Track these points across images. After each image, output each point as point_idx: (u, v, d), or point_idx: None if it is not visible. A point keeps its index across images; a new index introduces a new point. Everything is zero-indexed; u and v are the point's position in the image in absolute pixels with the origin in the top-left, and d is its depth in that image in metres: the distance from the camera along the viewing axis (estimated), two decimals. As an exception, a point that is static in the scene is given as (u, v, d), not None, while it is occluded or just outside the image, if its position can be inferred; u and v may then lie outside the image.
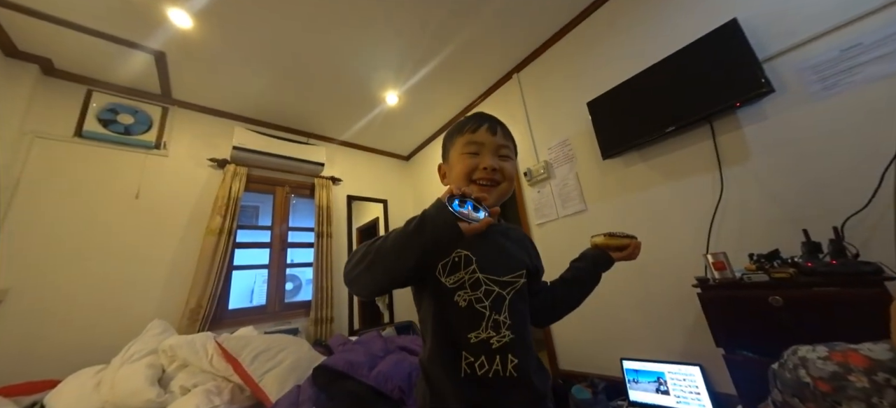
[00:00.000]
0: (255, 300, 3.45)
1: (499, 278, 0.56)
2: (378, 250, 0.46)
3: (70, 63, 1.82)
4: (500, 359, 0.51)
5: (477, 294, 0.54)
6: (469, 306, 0.53)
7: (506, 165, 0.62)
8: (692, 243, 1.39)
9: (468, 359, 0.51)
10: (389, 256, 0.45)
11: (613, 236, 0.71)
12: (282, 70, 2.05)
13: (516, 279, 0.58)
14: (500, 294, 0.55)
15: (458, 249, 0.56)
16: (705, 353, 1.29)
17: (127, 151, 1.96)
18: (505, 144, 0.63)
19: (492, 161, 0.60)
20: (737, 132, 1.31)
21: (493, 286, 0.55)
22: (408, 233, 0.44)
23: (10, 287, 1.49)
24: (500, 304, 0.54)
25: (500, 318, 0.53)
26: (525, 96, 2.29)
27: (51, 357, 1.48)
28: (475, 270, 0.55)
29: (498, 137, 0.63)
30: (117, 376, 0.98)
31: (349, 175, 2.96)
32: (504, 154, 0.63)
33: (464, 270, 0.55)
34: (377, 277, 0.47)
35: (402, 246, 0.44)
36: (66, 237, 1.67)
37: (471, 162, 0.60)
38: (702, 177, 1.40)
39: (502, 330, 0.53)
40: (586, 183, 1.89)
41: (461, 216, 0.42)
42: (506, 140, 0.64)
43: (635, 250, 0.70)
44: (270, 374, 0.98)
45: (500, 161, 0.61)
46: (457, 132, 0.66)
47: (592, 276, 0.71)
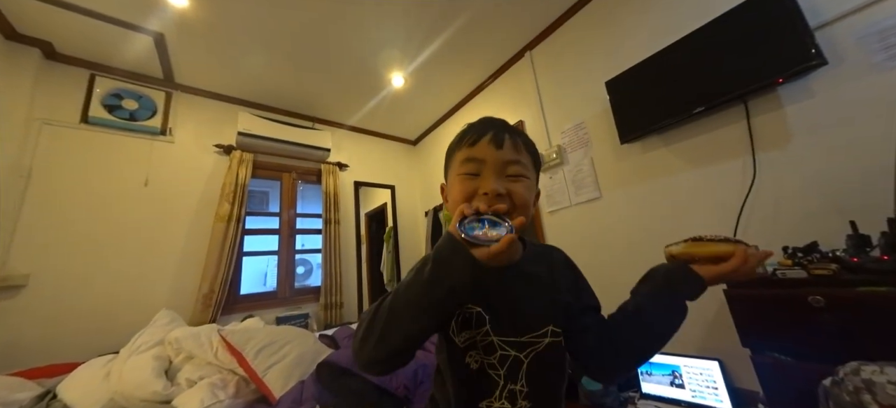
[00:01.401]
0: (268, 284, 3.54)
1: (516, 340, 0.45)
2: (389, 314, 0.38)
3: (71, 46, 1.79)
4: None
5: (490, 360, 0.45)
6: (481, 370, 0.45)
7: (516, 188, 0.45)
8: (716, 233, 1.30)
9: None
10: (404, 320, 0.37)
11: (701, 242, 0.43)
12: (283, 50, 1.98)
13: (538, 340, 0.46)
14: (517, 358, 0.45)
15: (470, 304, 0.47)
16: (725, 348, 1.23)
17: (133, 137, 1.95)
18: (515, 159, 0.47)
19: (494, 184, 0.44)
20: (776, 113, 1.18)
21: (508, 350, 0.45)
22: (421, 286, 0.36)
23: (31, 273, 1.54)
24: (515, 371, 0.45)
25: (516, 388, 0.44)
26: (538, 76, 2.15)
27: (70, 340, 1.54)
28: (488, 331, 0.45)
29: (505, 150, 0.46)
30: (125, 368, 1.00)
31: (356, 161, 2.92)
32: (514, 173, 0.46)
33: (475, 328, 0.46)
34: (394, 345, 0.37)
35: (417, 304, 0.36)
36: (79, 225, 1.70)
37: (468, 186, 0.46)
38: (731, 163, 1.29)
39: (519, 402, 0.44)
40: (602, 169, 1.78)
41: (474, 242, 0.34)
42: (516, 153, 0.47)
43: (747, 262, 0.41)
44: (275, 368, 0.97)
45: (507, 183, 0.45)
46: (455, 145, 0.51)
47: (664, 301, 0.46)
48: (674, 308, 0.45)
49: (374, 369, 0.40)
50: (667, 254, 0.48)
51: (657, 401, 1.33)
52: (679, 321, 0.45)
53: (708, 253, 0.43)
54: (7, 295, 1.48)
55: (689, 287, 0.44)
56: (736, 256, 0.41)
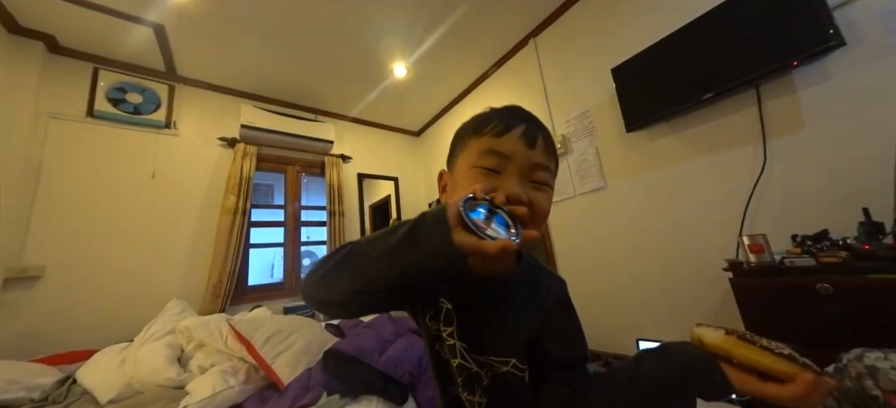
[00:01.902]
0: (274, 276, 3.60)
1: (477, 356, 0.41)
2: (345, 259, 0.34)
3: (74, 40, 1.79)
4: None
5: (453, 361, 0.41)
6: (447, 363, 0.42)
7: (540, 199, 0.39)
8: (723, 223, 1.28)
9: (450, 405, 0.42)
10: (360, 268, 0.33)
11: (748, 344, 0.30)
12: (284, 39, 1.96)
13: (499, 365, 0.41)
14: (476, 374, 0.41)
15: (443, 298, 0.42)
16: (730, 338, 1.23)
17: (139, 130, 1.97)
18: (545, 164, 0.40)
19: (518, 188, 0.37)
20: (789, 97, 1.14)
21: (467, 362, 0.41)
22: (391, 245, 0.31)
23: (47, 264, 1.58)
24: (473, 384, 0.41)
25: (474, 399, 0.41)
26: (542, 64, 2.11)
27: (86, 329, 1.59)
28: (453, 333, 0.41)
29: (537, 151, 0.39)
30: (139, 355, 1.03)
31: (359, 152, 2.92)
32: (541, 180, 0.40)
33: (443, 324, 0.42)
34: (341, 287, 0.34)
35: (376, 262, 0.32)
36: (90, 217, 1.73)
37: (485, 183, 0.38)
38: (740, 150, 1.26)
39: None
40: (607, 158, 1.76)
41: (473, 228, 0.29)
42: (548, 158, 0.41)
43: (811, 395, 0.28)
44: (282, 356, 0.99)
45: (531, 190, 0.39)
46: (472, 131, 0.43)
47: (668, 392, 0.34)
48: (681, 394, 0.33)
49: (310, 305, 0.37)
50: (693, 336, 0.35)
51: (660, 389, 1.34)
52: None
53: (754, 363, 0.30)
54: (25, 286, 1.52)
55: (711, 388, 0.32)
56: (799, 384, 0.28)
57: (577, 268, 1.86)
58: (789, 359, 0.28)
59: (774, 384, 0.29)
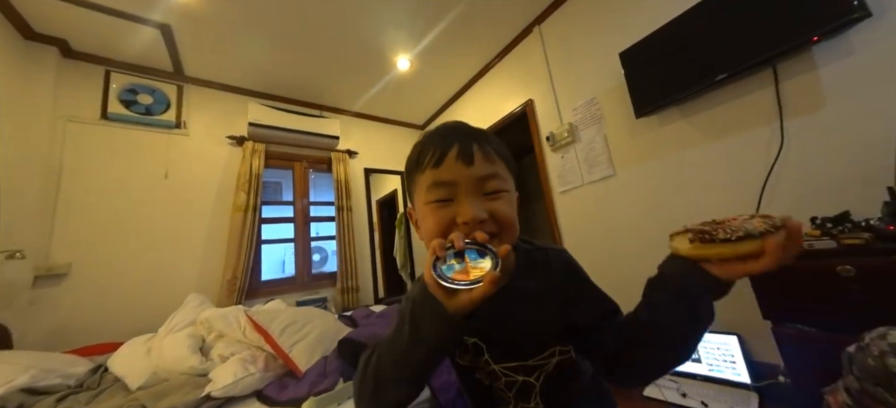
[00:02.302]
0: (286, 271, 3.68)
1: (521, 364, 0.42)
2: (376, 377, 0.36)
3: (85, 43, 1.83)
4: None
5: (497, 384, 0.43)
6: (491, 387, 0.43)
7: (498, 208, 0.38)
8: (738, 208, 1.25)
9: None
10: (390, 385, 0.35)
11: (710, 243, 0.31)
12: (287, 35, 1.96)
13: (545, 361, 0.42)
14: (527, 382, 0.42)
15: (465, 336, 0.44)
16: (744, 322, 1.21)
17: (151, 131, 2.01)
18: (490, 173, 0.39)
19: (474, 210, 0.37)
20: (808, 75, 1.10)
21: (513, 376, 0.42)
22: (401, 351, 0.33)
23: (72, 261, 1.65)
24: (526, 393, 0.42)
25: (528, 406, 0.42)
26: (548, 52, 2.07)
27: (112, 322, 1.66)
28: (488, 361, 0.43)
29: (477, 164, 0.39)
30: (163, 345, 1.08)
31: (365, 147, 2.93)
32: (493, 189, 0.39)
33: (476, 357, 0.43)
34: (389, 399, 0.36)
35: (400, 369, 0.34)
36: (109, 217, 1.79)
37: (442, 216, 0.38)
38: (756, 132, 1.23)
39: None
40: (615, 145, 1.73)
41: (457, 286, 0.29)
42: (491, 165, 0.40)
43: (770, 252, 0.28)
44: (299, 345, 1.02)
45: (487, 203, 0.38)
46: (415, 166, 0.42)
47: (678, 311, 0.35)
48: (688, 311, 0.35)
49: None
50: (672, 248, 0.36)
51: (672, 375, 1.34)
52: (704, 326, 0.35)
53: (723, 256, 0.31)
54: (54, 283, 1.59)
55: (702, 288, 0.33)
56: (769, 253, 0.28)
57: (586, 257, 1.81)
58: (747, 238, 0.29)
59: (751, 262, 0.29)
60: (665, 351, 0.37)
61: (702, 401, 1.16)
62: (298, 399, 0.86)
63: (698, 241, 0.32)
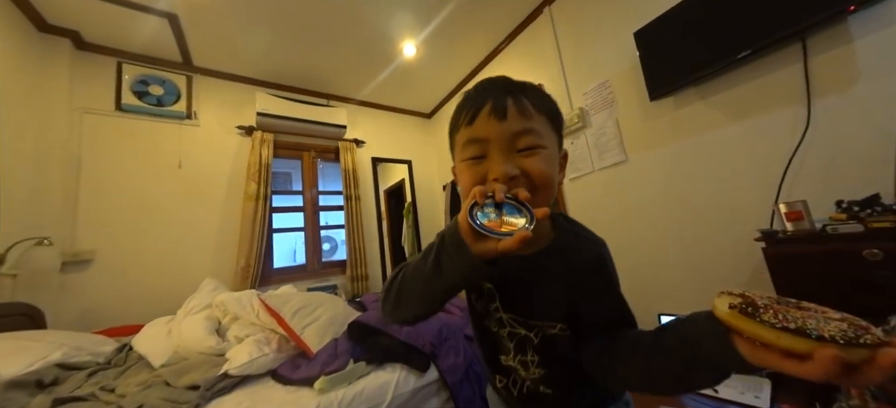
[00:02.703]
0: (297, 259, 3.76)
1: (525, 321, 0.45)
2: (400, 291, 0.40)
3: (96, 34, 1.86)
4: (530, 384, 0.46)
5: (502, 332, 0.47)
6: (497, 333, 0.48)
7: (531, 165, 0.38)
8: (757, 193, 1.21)
9: (502, 380, 0.49)
10: (411, 301, 0.39)
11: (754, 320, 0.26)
12: (292, 22, 1.95)
13: (547, 327, 0.45)
14: (527, 337, 0.45)
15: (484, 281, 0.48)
16: (760, 312, 1.18)
17: (163, 122, 2.05)
18: (524, 129, 0.38)
19: (504, 166, 0.37)
20: (842, 49, 1.03)
21: (517, 329, 0.46)
22: (425, 276, 0.36)
23: (96, 248, 1.72)
24: (524, 345, 0.46)
25: (526, 358, 0.46)
26: (558, 34, 2.00)
27: (134, 305, 1.74)
28: (498, 307, 0.47)
29: (510, 120, 0.38)
30: (182, 326, 1.13)
31: (372, 137, 2.93)
32: (527, 145, 0.38)
33: (488, 302, 0.47)
34: (408, 313, 0.40)
35: (421, 291, 0.37)
36: (127, 207, 1.85)
37: (475, 173, 0.39)
38: (778, 113, 1.16)
39: (531, 368, 0.46)
40: (628, 130, 1.68)
41: (487, 232, 0.30)
42: (526, 120, 0.39)
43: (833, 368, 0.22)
44: (310, 328, 1.05)
45: (520, 160, 0.38)
46: (454, 126, 0.44)
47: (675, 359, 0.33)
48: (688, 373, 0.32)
49: (396, 324, 0.44)
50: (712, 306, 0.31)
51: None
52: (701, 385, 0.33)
53: (759, 338, 0.26)
54: (80, 268, 1.68)
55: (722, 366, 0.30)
56: (817, 362, 0.22)
57: (596, 245, 1.82)
58: (796, 333, 0.23)
59: (794, 361, 0.24)
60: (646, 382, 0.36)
61: (712, 387, 1.14)
62: (311, 378, 0.89)
63: (738, 309, 0.27)
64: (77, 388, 0.88)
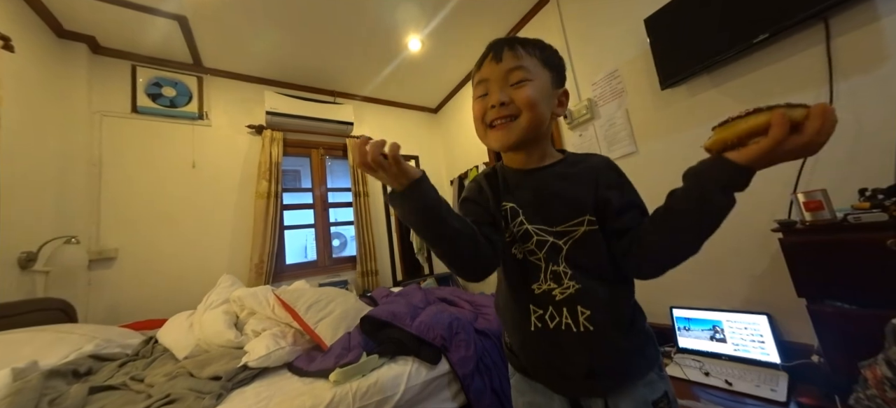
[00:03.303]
0: (309, 255, 3.84)
1: (550, 228, 0.49)
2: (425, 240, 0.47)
3: (111, 39, 1.91)
4: (567, 311, 0.47)
5: (529, 246, 0.50)
6: (524, 258, 0.51)
7: (518, 93, 0.49)
8: (774, 183, 1.17)
9: (536, 312, 0.49)
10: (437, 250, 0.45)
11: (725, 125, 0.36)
12: (297, 20, 1.95)
13: (574, 228, 0.48)
14: (555, 244, 0.49)
15: (504, 201, 0.52)
16: (775, 301, 1.16)
17: (177, 123, 2.11)
18: (515, 66, 0.50)
19: (499, 96, 0.49)
20: (868, 28, 0.98)
21: (545, 236, 0.49)
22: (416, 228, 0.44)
23: (120, 246, 1.80)
24: (555, 254, 0.49)
25: (559, 269, 0.48)
26: (565, 23, 1.96)
27: (156, 300, 1.81)
28: (522, 221, 0.50)
29: (505, 62, 0.50)
30: (203, 320, 1.18)
31: (379, 133, 2.94)
32: (517, 80, 0.50)
33: (512, 222, 0.51)
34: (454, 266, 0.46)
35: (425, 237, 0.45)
36: (146, 206, 1.92)
37: (480, 105, 0.52)
38: (798, 97, 1.11)
39: (564, 281, 0.48)
40: (637, 120, 1.64)
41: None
42: (516, 61, 0.50)
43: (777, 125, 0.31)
44: (324, 322, 1.08)
45: (511, 91, 0.49)
46: (473, 72, 0.57)
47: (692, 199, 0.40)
48: (703, 199, 0.39)
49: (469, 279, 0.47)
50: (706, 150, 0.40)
51: (695, 355, 1.31)
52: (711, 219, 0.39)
53: (739, 133, 0.34)
54: (106, 266, 1.76)
55: (721, 177, 0.37)
56: (773, 126, 0.31)
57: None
58: (756, 112, 0.32)
59: (761, 138, 0.32)
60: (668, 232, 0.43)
61: (726, 380, 1.13)
62: (326, 370, 0.92)
63: (718, 128, 0.36)
64: (109, 377, 0.94)
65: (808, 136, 0.30)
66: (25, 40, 1.51)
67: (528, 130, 0.49)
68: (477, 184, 0.58)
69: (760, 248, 1.19)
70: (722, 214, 0.38)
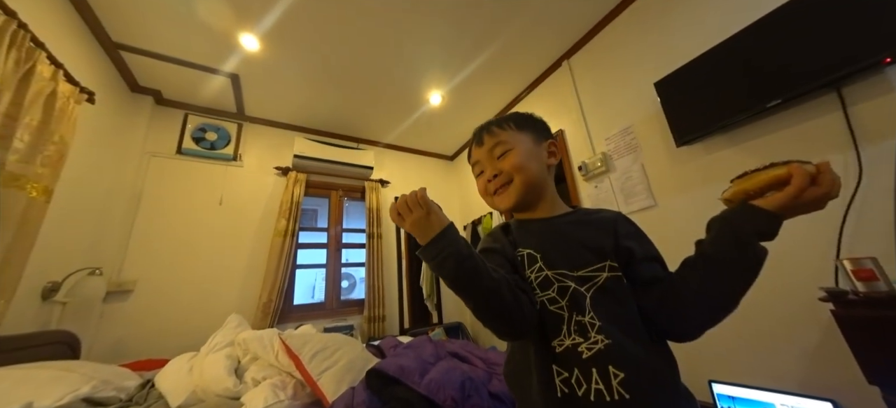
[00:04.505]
0: (316, 296, 3.78)
1: (571, 274, 0.47)
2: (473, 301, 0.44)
3: (174, 92, 2.19)
4: (597, 373, 0.40)
5: (549, 294, 0.46)
6: (543, 307, 0.46)
7: (504, 163, 0.56)
8: (811, 244, 1.10)
9: (561, 374, 0.42)
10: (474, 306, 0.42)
11: (745, 177, 0.39)
12: (334, 81, 2.20)
13: (596, 274, 0.46)
14: (578, 290, 0.45)
15: (520, 248, 0.51)
16: (838, 387, 1.00)
17: (213, 163, 2.28)
18: (496, 143, 0.58)
19: (491, 170, 0.58)
20: (884, 98, 0.99)
21: (567, 282, 0.46)
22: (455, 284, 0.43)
23: (139, 277, 1.84)
24: (580, 302, 0.45)
25: (584, 319, 0.43)
26: (577, 83, 2.09)
27: (163, 337, 1.78)
28: (541, 267, 0.48)
29: (486, 144, 0.59)
30: (204, 363, 1.13)
31: (397, 177, 3.06)
32: (500, 153, 0.57)
33: (529, 268, 0.49)
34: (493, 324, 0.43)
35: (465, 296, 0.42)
36: (172, 239, 2.00)
37: (481, 182, 0.61)
38: (826, 158, 1.09)
39: (592, 334, 0.42)
40: (655, 175, 1.64)
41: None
42: (494, 139, 0.59)
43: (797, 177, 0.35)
44: (328, 373, 1.02)
45: (498, 163, 0.57)
46: (468, 159, 0.67)
47: (727, 243, 0.40)
48: (738, 246, 0.39)
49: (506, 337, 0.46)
50: (723, 202, 0.44)
51: (750, 445, 1.11)
52: (745, 261, 0.39)
53: (761, 183, 0.37)
54: (122, 298, 1.78)
55: (749, 222, 0.38)
56: (795, 176, 0.35)
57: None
58: (772, 165, 0.37)
59: (785, 188, 0.36)
60: (705, 282, 0.42)
61: (792, 483, 0.94)
62: (325, 432, 0.84)
63: (741, 177, 0.40)
64: (99, 424, 0.88)
65: (825, 186, 0.35)
66: (105, 91, 1.76)
67: (525, 188, 0.56)
68: (492, 236, 0.58)
69: (807, 316, 1.08)
70: (759, 264, 0.39)
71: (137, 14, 1.61)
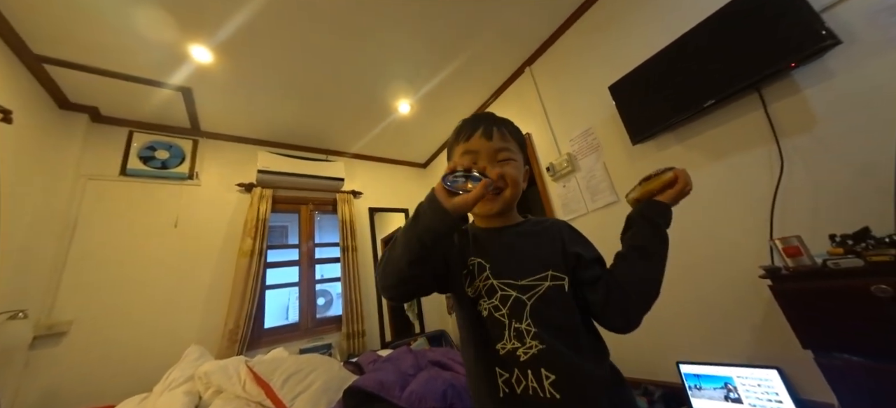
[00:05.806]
0: (290, 317, 3.56)
1: (515, 282, 0.51)
2: (389, 250, 0.47)
3: (114, 109, 1.99)
4: (532, 374, 0.45)
5: (493, 302, 0.50)
6: (489, 315, 0.50)
7: (506, 170, 0.56)
8: (750, 229, 1.22)
9: (502, 375, 0.47)
10: (395, 255, 0.45)
11: (649, 180, 0.53)
12: (297, 91, 2.12)
13: (538, 283, 0.50)
14: (519, 299, 0.49)
15: (471, 257, 0.55)
16: (782, 354, 1.12)
17: (165, 183, 2.09)
18: (503, 147, 0.57)
19: (495, 170, 0.55)
20: (795, 97, 1.14)
21: (509, 291, 0.50)
22: (407, 227, 0.45)
23: (74, 319, 1.61)
24: (519, 310, 0.49)
25: (521, 326, 0.48)
26: (540, 88, 2.19)
27: (107, 382, 1.58)
28: (488, 276, 0.52)
29: (494, 140, 0.57)
30: (158, 404, 1.01)
31: (369, 187, 2.99)
32: (504, 158, 0.57)
33: (478, 277, 0.53)
34: (389, 279, 0.46)
35: (404, 242, 0.44)
36: (116, 270, 1.79)
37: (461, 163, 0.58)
38: (755, 152, 1.24)
39: (527, 340, 0.47)
40: (616, 172, 1.75)
41: (454, 190, 0.42)
42: (504, 141, 0.58)
43: (681, 178, 0.52)
44: (302, 398, 0.96)
45: (500, 167, 0.56)
46: (454, 140, 0.62)
47: (649, 234, 0.51)
48: (656, 234, 0.51)
49: (385, 295, 0.49)
50: (630, 200, 0.57)
51: (712, 418, 1.20)
52: (663, 245, 0.51)
53: (659, 185, 0.53)
54: (53, 342, 1.55)
55: (659, 214, 0.52)
56: (679, 178, 0.52)
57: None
58: (663, 172, 0.53)
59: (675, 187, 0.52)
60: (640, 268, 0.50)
61: (750, 448, 1.02)
62: (299, 464, 0.78)
63: (643, 181, 0.55)
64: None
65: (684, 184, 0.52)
66: (26, 110, 1.55)
67: (510, 202, 0.57)
68: None
69: (752, 293, 1.19)
70: (667, 246, 0.51)
71: (63, 24, 1.45)
